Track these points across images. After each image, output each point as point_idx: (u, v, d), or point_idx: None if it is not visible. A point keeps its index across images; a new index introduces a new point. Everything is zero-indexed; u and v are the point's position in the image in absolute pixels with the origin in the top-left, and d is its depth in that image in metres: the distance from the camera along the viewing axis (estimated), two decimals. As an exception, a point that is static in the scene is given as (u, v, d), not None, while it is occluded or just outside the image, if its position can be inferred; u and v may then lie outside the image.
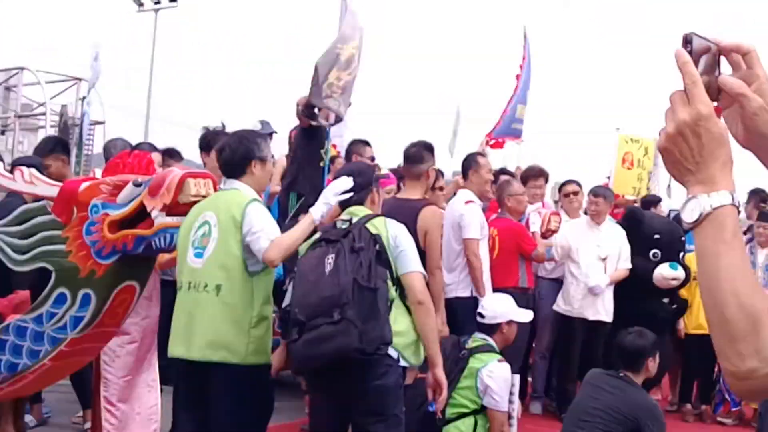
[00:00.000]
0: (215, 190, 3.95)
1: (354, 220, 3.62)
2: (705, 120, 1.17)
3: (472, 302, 5.72)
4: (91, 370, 4.74)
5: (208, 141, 5.33)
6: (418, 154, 5.26)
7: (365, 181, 3.83)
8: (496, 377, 4.58)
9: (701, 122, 1.17)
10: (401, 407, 3.52)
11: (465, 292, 5.82)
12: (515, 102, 8.31)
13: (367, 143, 6.50)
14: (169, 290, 4.12)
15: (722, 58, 1.24)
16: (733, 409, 7.26)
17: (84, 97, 15.62)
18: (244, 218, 3.56)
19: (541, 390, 7.14)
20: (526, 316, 5.08)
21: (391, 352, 3.42)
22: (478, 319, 4.95)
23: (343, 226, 3.59)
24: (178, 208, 3.78)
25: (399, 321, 3.48)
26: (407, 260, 3.52)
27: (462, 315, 5.49)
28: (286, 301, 3.61)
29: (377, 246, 3.46)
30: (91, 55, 13.88)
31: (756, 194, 8.14)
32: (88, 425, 5.19)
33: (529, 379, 7.03)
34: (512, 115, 8.18)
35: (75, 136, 15.62)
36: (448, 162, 6.61)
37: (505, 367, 4.67)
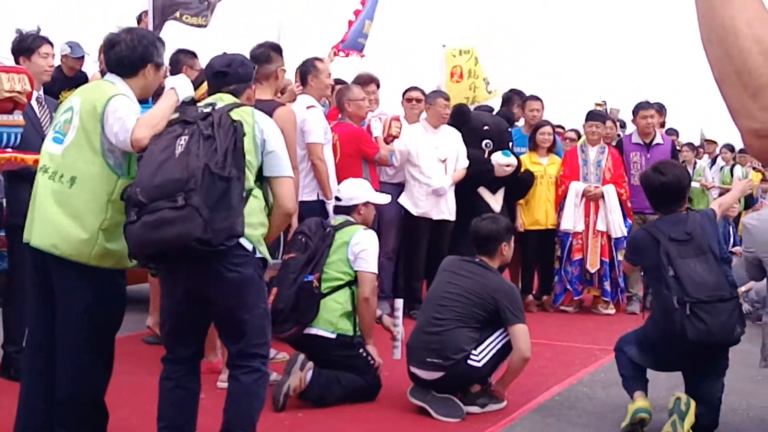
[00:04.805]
0: (32, 86, 3.64)
1: (218, 106, 3.32)
2: None
3: (319, 205, 5.71)
4: None
5: (29, 44, 4.82)
6: (266, 53, 5.10)
7: (245, 73, 3.57)
8: (364, 241, 4.69)
9: None
10: (265, 300, 3.34)
11: (311, 196, 5.77)
12: (363, 17, 8.25)
13: (194, 55, 6.15)
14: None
15: None
16: (575, 298, 7.60)
17: None
18: (105, 108, 3.21)
19: (388, 291, 7.20)
20: (381, 198, 5.14)
21: (245, 243, 3.21)
22: (335, 203, 5.02)
23: (206, 110, 3.27)
24: (-10, 105, 3.47)
25: (255, 213, 3.26)
26: (280, 163, 3.34)
27: (309, 218, 5.42)
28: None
29: (236, 133, 3.16)
30: None
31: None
32: None
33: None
34: (360, 29, 8.12)
35: None
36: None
37: (371, 233, 4.78)
